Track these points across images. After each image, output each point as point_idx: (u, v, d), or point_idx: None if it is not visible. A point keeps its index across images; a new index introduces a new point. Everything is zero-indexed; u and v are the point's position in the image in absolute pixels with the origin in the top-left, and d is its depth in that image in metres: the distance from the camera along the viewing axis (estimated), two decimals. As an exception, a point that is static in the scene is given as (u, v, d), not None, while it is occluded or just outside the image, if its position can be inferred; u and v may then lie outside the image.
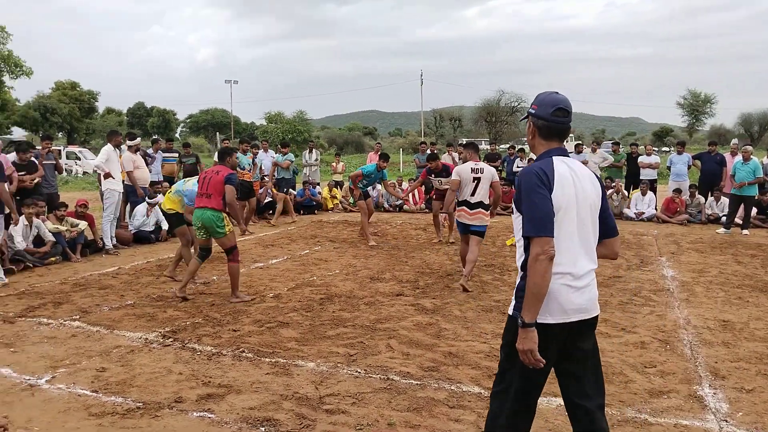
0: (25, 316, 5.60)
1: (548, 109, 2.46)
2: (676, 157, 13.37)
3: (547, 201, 2.31)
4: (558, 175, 2.37)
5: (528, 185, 2.35)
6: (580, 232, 2.41)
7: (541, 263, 2.25)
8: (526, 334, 2.28)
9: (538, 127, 2.50)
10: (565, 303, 2.36)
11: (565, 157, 2.47)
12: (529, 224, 2.31)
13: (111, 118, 67.19)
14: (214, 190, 6.06)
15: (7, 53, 34.21)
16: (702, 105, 61.88)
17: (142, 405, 3.64)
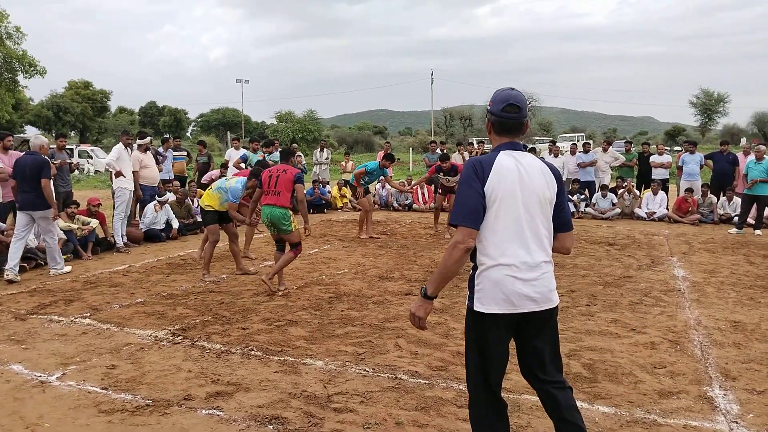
0: (37, 313, 5.65)
1: (499, 105, 2.52)
2: (688, 157, 13.27)
3: (475, 194, 2.39)
4: (498, 168, 2.42)
5: (463, 177, 2.46)
6: (529, 224, 2.44)
7: (458, 251, 2.37)
8: (424, 303, 2.50)
9: (492, 122, 2.57)
10: (511, 294, 2.41)
11: (515, 151, 2.50)
12: (455, 213, 2.42)
13: (123, 117, 67.66)
14: (283, 187, 6.34)
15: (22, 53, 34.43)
16: (715, 104, 61.44)
17: (152, 402, 3.66)
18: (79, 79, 62.98)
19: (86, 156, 30.39)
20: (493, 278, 2.42)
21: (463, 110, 63.17)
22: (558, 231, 2.58)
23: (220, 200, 7.11)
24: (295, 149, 7.40)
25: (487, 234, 2.44)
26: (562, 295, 6.33)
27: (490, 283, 2.43)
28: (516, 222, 2.42)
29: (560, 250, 2.64)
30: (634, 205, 13.32)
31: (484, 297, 2.45)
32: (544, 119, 65.33)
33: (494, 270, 2.43)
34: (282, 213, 6.31)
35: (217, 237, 7.24)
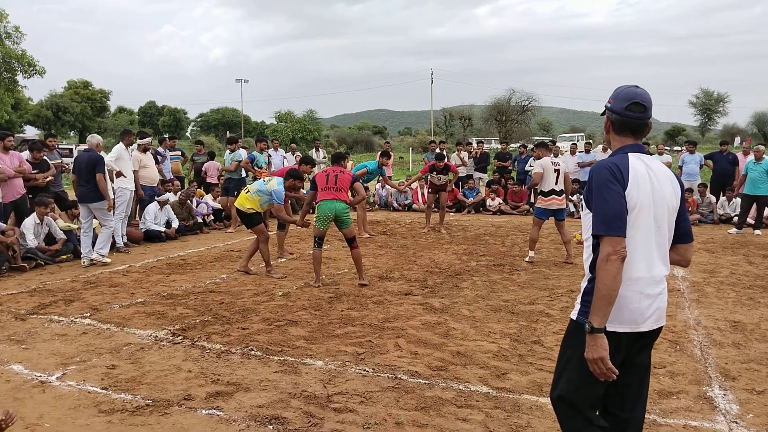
0: (37, 313, 5.65)
1: (622, 104, 2.34)
2: (688, 157, 13.28)
3: (619, 198, 2.17)
4: (633, 172, 2.22)
5: (600, 180, 2.22)
6: (656, 235, 2.27)
7: (612, 264, 2.11)
8: (596, 340, 2.12)
9: (612, 121, 2.39)
10: (637, 311, 2.23)
11: (642, 155, 2.32)
12: (599, 222, 2.17)
13: (123, 117, 67.72)
14: (344, 185, 6.84)
15: (21, 53, 34.43)
16: (715, 104, 61.50)
17: (152, 402, 3.66)
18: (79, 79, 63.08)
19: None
20: (621, 295, 2.17)
21: (462, 110, 63.20)
22: (680, 242, 2.39)
23: (260, 202, 7.30)
24: (345, 154, 7.90)
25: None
26: (562, 295, 6.34)
27: (618, 299, 2.17)
28: (646, 233, 2.24)
29: (680, 263, 2.45)
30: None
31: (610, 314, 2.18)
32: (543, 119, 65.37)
33: (623, 285, 2.17)
34: (345, 207, 6.78)
35: (267, 234, 7.50)
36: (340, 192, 6.78)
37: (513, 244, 9.67)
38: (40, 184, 8.65)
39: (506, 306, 5.89)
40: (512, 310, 5.76)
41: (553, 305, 5.93)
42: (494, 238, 10.34)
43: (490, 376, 4.08)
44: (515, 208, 14.24)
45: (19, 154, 8.56)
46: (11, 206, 8.21)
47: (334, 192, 6.75)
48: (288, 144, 15.51)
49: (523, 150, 15.83)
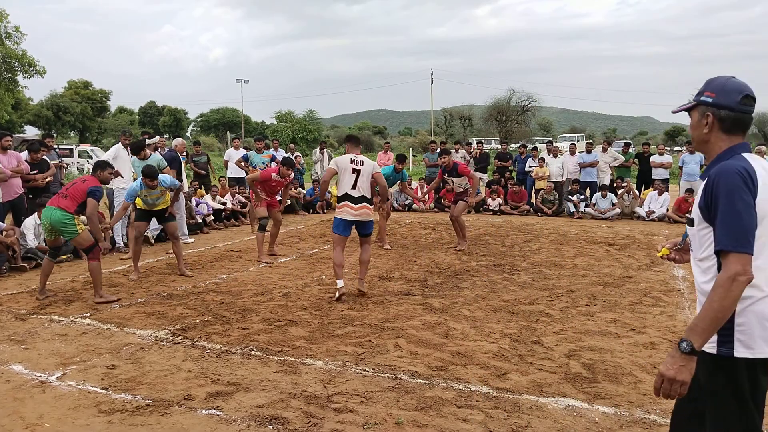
0: (37, 313, 5.65)
1: (735, 97, 2.04)
2: (689, 157, 13.28)
3: (752, 210, 1.91)
4: (761, 178, 1.96)
5: (730, 187, 1.92)
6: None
7: (738, 285, 1.86)
8: (688, 362, 1.91)
9: (721, 118, 2.06)
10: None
11: (754, 155, 2.04)
12: (728, 236, 1.89)
13: (123, 117, 67.73)
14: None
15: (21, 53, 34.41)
16: (715, 104, 61.47)
17: (152, 402, 3.66)
18: (79, 79, 63.03)
19: (86, 156, 30.38)
20: (761, 313, 1.95)
21: (462, 110, 63.21)
22: None
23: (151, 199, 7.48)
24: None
25: (753, 259, 1.93)
26: (562, 295, 6.34)
27: (758, 319, 1.95)
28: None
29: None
30: (634, 205, 13.33)
31: (752, 338, 1.95)
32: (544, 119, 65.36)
33: (763, 303, 1.95)
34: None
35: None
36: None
37: (513, 244, 9.67)
38: (39, 185, 8.64)
39: (506, 306, 5.88)
40: (512, 310, 5.76)
41: (553, 305, 5.92)
42: (494, 238, 10.34)
43: (490, 376, 4.07)
44: (515, 208, 14.24)
45: (18, 154, 8.56)
46: (8, 206, 8.22)
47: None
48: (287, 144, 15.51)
49: (523, 150, 15.83)
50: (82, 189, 6.07)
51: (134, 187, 7.14)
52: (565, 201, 13.99)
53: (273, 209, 8.50)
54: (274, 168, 8.31)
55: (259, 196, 8.23)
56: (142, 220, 7.41)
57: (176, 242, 7.41)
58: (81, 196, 6.03)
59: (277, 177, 8.09)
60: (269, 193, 8.37)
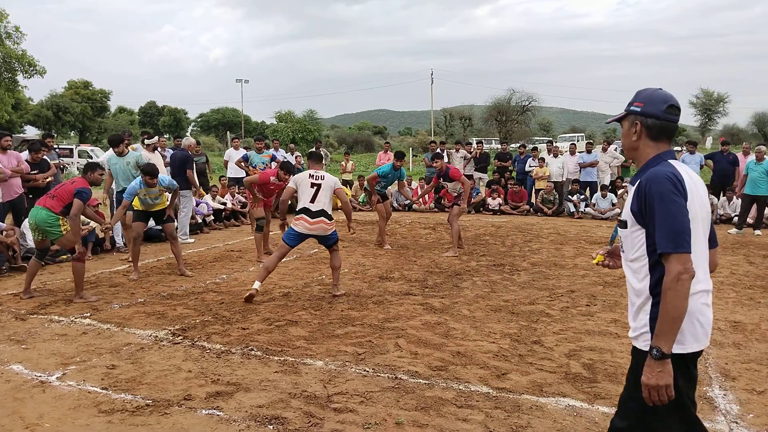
0: (37, 313, 5.65)
1: (661, 106, 2.19)
2: (689, 157, 13.28)
3: (684, 211, 2.03)
4: (688, 182, 2.10)
5: (662, 192, 2.04)
6: (704, 243, 2.19)
7: (683, 284, 1.98)
8: (664, 366, 1.99)
9: (648, 126, 2.20)
10: (707, 324, 2.13)
11: (678, 162, 2.19)
12: (666, 239, 2.00)
13: (123, 117, 67.73)
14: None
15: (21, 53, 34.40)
16: (715, 104, 61.51)
17: (152, 402, 3.66)
18: (79, 79, 63.02)
19: (86, 156, 30.38)
20: (692, 309, 2.07)
21: (463, 110, 63.16)
22: (710, 247, 2.30)
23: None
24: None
25: None
26: (562, 295, 6.35)
27: (688, 316, 2.05)
28: (702, 242, 2.15)
29: (711, 268, 2.35)
30: (634, 205, 13.32)
31: (681, 335, 2.05)
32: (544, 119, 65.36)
33: (691, 300, 2.06)
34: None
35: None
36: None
37: (513, 244, 9.66)
38: (39, 185, 8.64)
39: (506, 306, 5.88)
40: (512, 310, 5.76)
41: (553, 305, 5.92)
42: (494, 238, 10.34)
43: (490, 376, 4.07)
44: (515, 208, 14.25)
45: (18, 154, 8.56)
46: (8, 206, 8.22)
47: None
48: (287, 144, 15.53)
49: (523, 150, 15.84)
50: (69, 190, 6.07)
51: (134, 185, 7.15)
52: (565, 201, 14.00)
53: (268, 209, 8.52)
54: (273, 171, 8.30)
55: (256, 197, 8.24)
56: (140, 221, 7.41)
57: (175, 243, 7.41)
58: (68, 197, 6.02)
59: (276, 180, 8.09)
60: (266, 195, 8.38)
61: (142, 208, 7.30)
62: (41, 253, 6.35)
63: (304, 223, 6.08)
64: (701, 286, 2.13)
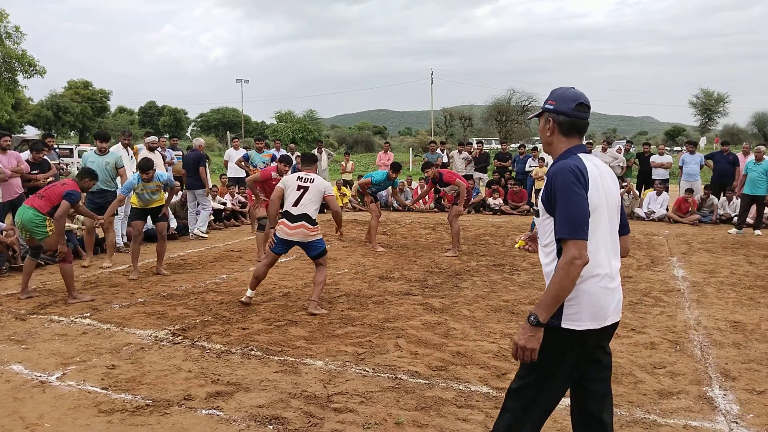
0: (37, 313, 5.65)
1: (570, 104, 2.36)
2: (689, 157, 13.30)
3: (584, 201, 2.20)
4: (590, 174, 2.28)
5: (563, 183, 2.22)
6: (611, 231, 2.35)
7: (575, 268, 2.13)
8: (535, 333, 2.19)
9: (559, 123, 2.38)
10: (604, 306, 2.28)
11: (588, 154, 2.39)
12: (564, 225, 2.17)
13: (123, 117, 67.75)
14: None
15: (21, 53, 34.40)
16: (715, 104, 61.51)
17: (152, 402, 3.66)
18: (79, 79, 63.06)
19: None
20: (589, 291, 2.24)
21: (463, 110, 63.13)
22: (620, 234, 2.46)
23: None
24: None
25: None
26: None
27: (586, 296, 2.24)
28: (605, 230, 2.31)
29: (621, 254, 2.49)
30: (634, 205, 13.33)
31: (578, 313, 2.24)
32: (544, 119, 65.30)
33: (589, 283, 2.24)
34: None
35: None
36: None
37: (513, 244, 9.66)
38: (40, 185, 8.64)
39: (506, 306, 5.88)
40: (512, 310, 5.76)
41: (553, 305, 5.92)
42: (494, 238, 10.34)
43: (490, 376, 4.07)
44: (515, 208, 14.24)
45: (17, 154, 8.56)
46: (8, 206, 8.23)
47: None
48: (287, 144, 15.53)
49: (523, 150, 15.83)
50: (59, 191, 6.07)
51: (131, 180, 7.17)
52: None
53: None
54: (273, 167, 8.31)
55: (258, 197, 8.22)
56: (138, 219, 7.42)
57: (162, 242, 7.45)
58: (57, 198, 6.02)
59: (277, 175, 8.09)
60: (268, 194, 8.36)
61: (140, 204, 7.30)
62: (35, 251, 6.35)
63: (284, 228, 5.68)
64: (601, 270, 2.27)
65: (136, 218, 7.41)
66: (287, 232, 5.67)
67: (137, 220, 7.41)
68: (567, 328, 2.24)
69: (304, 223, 5.66)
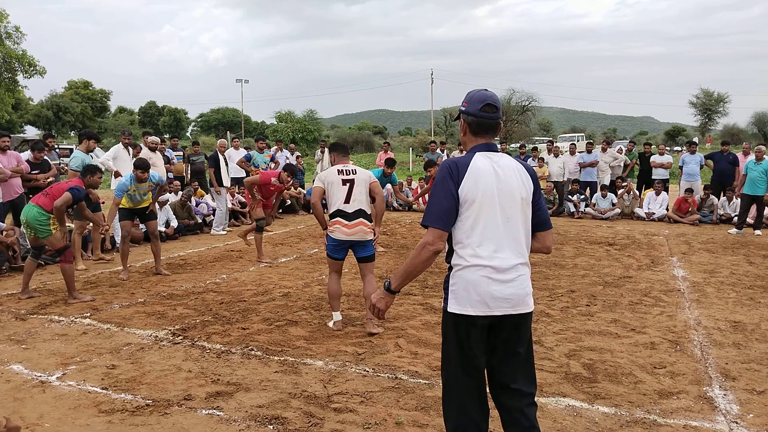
0: (37, 313, 5.65)
1: (477, 105, 2.48)
2: (688, 157, 13.29)
3: (449, 195, 2.37)
4: (473, 169, 2.39)
5: (438, 177, 2.42)
6: (505, 226, 2.41)
7: (426, 252, 2.37)
8: (386, 296, 2.55)
9: (468, 123, 2.52)
10: (485, 295, 2.37)
11: (491, 152, 2.48)
12: (428, 213, 2.40)
13: (123, 117, 67.72)
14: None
15: (22, 53, 34.41)
16: (715, 104, 61.51)
17: (152, 402, 3.66)
18: (79, 79, 63.09)
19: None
20: (468, 279, 2.38)
21: (463, 110, 63.11)
22: (538, 230, 2.54)
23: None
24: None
25: (462, 236, 2.41)
26: (562, 295, 6.34)
27: (465, 283, 2.39)
28: (492, 223, 2.39)
29: (542, 250, 2.61)
30: (634, 205, 13.33)
31: (458, 298, 2.41)
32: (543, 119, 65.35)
33: (468, 271, 2.39)
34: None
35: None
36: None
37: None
38: (40, 185, 8.64)
39: (506, 306, 5.87)
40: (512, 310, 5.75)
41: (553, 305, 5.92)
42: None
43: (490, 376, 4.07)
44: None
45: (17, 154, 8.56)
46: (8, 206, 8.22)
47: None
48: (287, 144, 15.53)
49: (523, 150, 15.83)
50: (63, 189, 6.07)
51: (124, 182, 7.13)
52: (565, 201, 13.99)
53: (268, 210, 8.50)
54: (274, 172, 8.31)
55: (255, 197, 8.22)
56: (127, 219, 7.40)
57: (156, 241, 7.43)
58: (60, 195, 6.03)
59: (277, 182, 8.08)
60: (265, 196, 8.37)
61: (130, 205, 7.27)
62: (36, 251, 6.35)
63: (342, 228, 5.05)
64: (480, 261, 2.38)
65: (124, 218, 7.37)
66: (346, 232, 5.06)
67: (126, 220, 7.38)
68: (450, 311, 2.42)
69: (362, 220, 5.11)
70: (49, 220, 6.00)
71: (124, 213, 7.36)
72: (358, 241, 5.13)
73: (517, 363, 2.48)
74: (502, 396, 2.52)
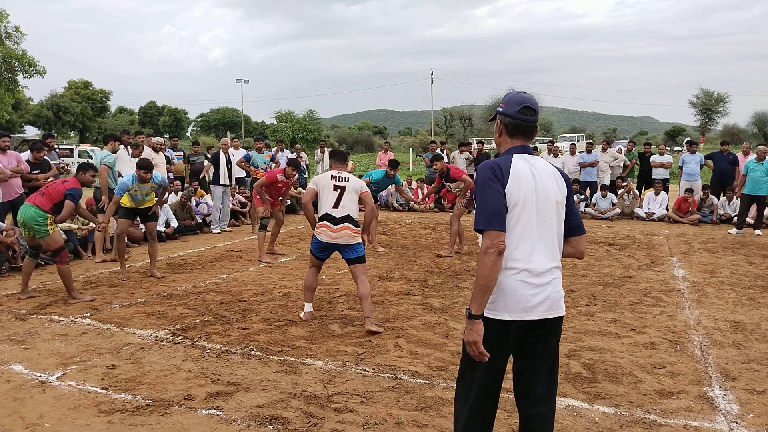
0: (37, 313, 5.65)
1: (515, 107, 2.46)
2: (688, 157, 13.29)
3: (498, 195, 2.31)
4: (515, 171, 2.36)
5: (482, 179, 2.37)
6: (540, 229, 2.38)
7: (489, 256, 2.25)
8: (473, 325, 2.29)
9: (505, 125, 2.51)
10: (522, 299, 2.34)
11: (527, 155, 2.46)
12: (479, 217, 2.32)
13: (123, 117, 67.77)
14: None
15: (21, 53, 34.42)
16: (715, 104, 61.51)
17: (152, 402, 3.66)
18: (79, 79, 63.06)
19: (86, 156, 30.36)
20: (504, 284, 2.33)
21: (463, 110, 63.18)
22: (571, 235, 2.52)
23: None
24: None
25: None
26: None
27: (501, 288, 2.33)
28: (529, 227, 2.36)
29: (575, 255, 2.59)
30: (634, 205, 13.33)
31: (493, 302, 2.34)
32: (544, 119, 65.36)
33: (504, 275, 2.33)
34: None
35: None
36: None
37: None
38: (40, 185, 8.64)
39: (506, 306, 5.87)
40: (512, 310, 5.75)
41: (553, 305, 5.91)
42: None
43: (490, 376, 4.07)
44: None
45: (17, 154, 8.57)
46: (8, 206, 8.23)
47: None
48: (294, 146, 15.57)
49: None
50: (60, 189, 6.06)
51: (125, 181, 7.12)
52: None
53: (275, 208, 8.53)
54: (279, 170, 8.33)
55: (265, 200, 8.20)
56: (127, 218, 7.39)
57: (153, 242, 7.41)
58: (58, 196, 6.02)
59: (283, 178, 8.13)
60: (274, 195, 8.39)
61: (131, 205, 7.26)
62: (34, 251, 6.34)
63: (327, 231, 5.30)
64: (517, 264, 2.34)
65: (124, 217, 7.34)
66: (331, 235, 5.29)
67: (125, 219, 7.36)
68: (486, 317, 2.33)
69: (348, 225, 5.31)
70: (47, 220, 5.99)
71: (125, 212, 7.35)
72: (344, 245, 5.33)
73: (544, 368, 2.46)
74: (524, 402, 2.50)
